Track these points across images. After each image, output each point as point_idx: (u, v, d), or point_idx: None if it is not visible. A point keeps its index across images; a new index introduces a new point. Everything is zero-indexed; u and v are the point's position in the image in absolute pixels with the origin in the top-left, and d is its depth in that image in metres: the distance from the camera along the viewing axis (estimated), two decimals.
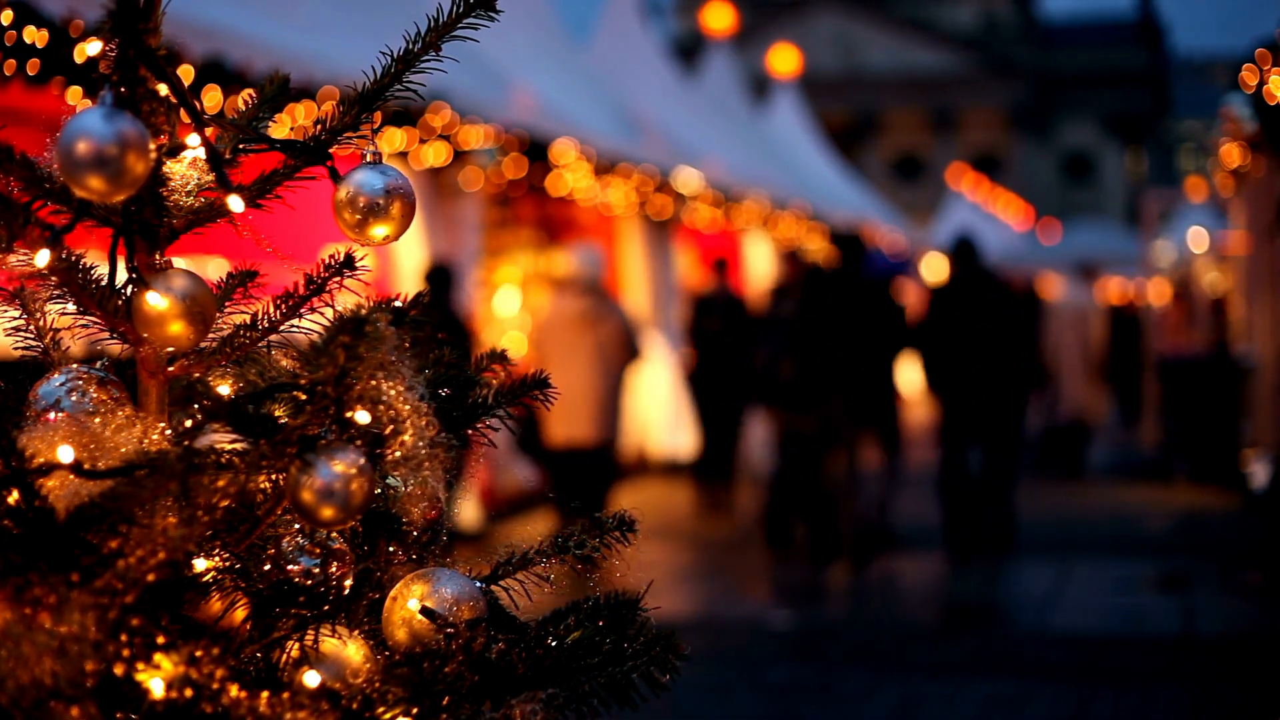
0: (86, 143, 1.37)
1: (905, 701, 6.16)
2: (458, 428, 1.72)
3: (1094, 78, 64.67)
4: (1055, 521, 11.16)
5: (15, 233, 1.46)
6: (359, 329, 1.37)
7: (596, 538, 1.71)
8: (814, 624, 7.78)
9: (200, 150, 1.54)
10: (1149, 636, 7.25)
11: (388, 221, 1.57)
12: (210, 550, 1.49)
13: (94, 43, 1.50)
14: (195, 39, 6.40)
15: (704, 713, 5.90)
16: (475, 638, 1.54)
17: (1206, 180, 20.31)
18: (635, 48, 15.33)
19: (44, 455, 1.42)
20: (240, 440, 1.46)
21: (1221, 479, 11.97)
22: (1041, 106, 64.36)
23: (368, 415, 1.40)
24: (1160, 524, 10.97)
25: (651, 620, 1.71)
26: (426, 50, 1.62)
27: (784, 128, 22.49)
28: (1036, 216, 50.82)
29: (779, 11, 60.92)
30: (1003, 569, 9.36)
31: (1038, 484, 13.28)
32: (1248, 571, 8.75)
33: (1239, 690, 6.30)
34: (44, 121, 1.45)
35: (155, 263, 1.55)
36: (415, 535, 1.64)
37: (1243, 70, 7.82)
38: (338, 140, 1.63)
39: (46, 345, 1.65)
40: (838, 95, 59.02)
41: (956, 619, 7.94)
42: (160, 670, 1.35)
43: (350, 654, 1.54)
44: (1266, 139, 8.74)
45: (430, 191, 9.36)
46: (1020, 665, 6.71)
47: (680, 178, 13.40)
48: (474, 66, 9.30)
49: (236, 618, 1.51)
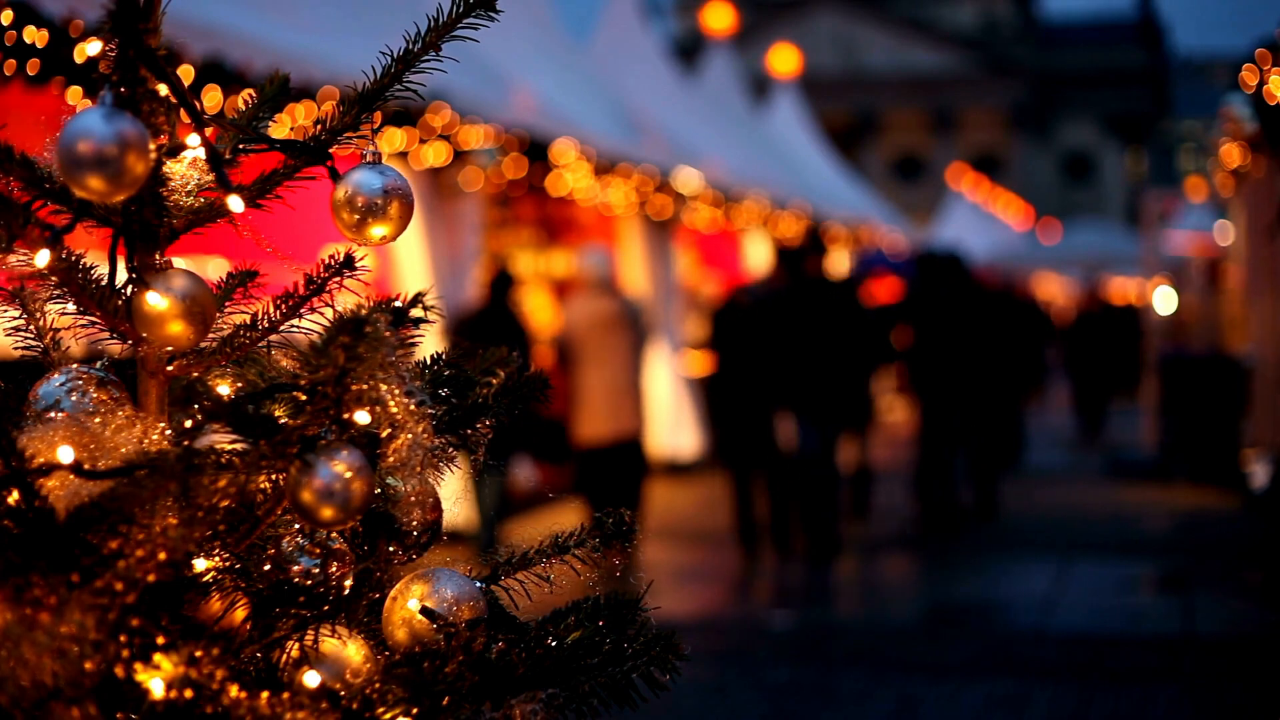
0: (86, 143, 1.37)
1: (905, 701, 6.16)
2: (458, 428, 1.73)
3: (1094, 78, 64.69)
4: (1055, 521, 11.16)
5: (15, 233, 1.46)
6: (359, 329, 1.37)
7: (612, 538, 1.71)
8: (814, 624, 7.78)
9: (200, 150, 1.54)
10: (1149, 636, 7.25)
11: (386, 221, 1.57)
12: (210, 550, 1.49)
13: (94, 43, 1.50)
14: (195, 39, 6.40)
15: (704, 713, 5.90)
16: (475, 638, 1.54)
17: (1206, 180, 20.32)
18: (635, 48, 15.33)
19: (44, 455, 1.42)
20: (240, 440, 1.46)
21: (1221, 479, 11.96)
22: (1041, 106, 64.37)
23: (367, 416, 1.40)
24: (1160, 524, 10.97)
25: (651, 620, 1.71)
26: (426, 50, 1.62)
27: (784, 128, 22.49)
28: (1036, 216, 50.84)
29: (779, 11, 60.93)
30: (1002, 569, 9.36)
31: (1037, 483, 13.30)
32: (1248, 571, 8.75)
33: (1239, 690, 6.30)
34: (44, 121, 1.45)
35: (155, 263, 1.55)
36: (415, 535, 1.64)
37: (1243, 70, 7.82)
38: (338, 140, 1.63)
39: (46, 345, 1.65)
40: (838, 95, 59.02)
41: (956, 619, 7.95)
42: (160, 670, 1.35)
43: (350, 654, 1.54)
44: (1266, 139, 8.74)
45: (430, 191, 9.36)
46: (1020, 665, 6.71)
47: (680, 178, 13.40)
48: (474, 66, 9.30)
49: (236, 618, 1.51)
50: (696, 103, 17.05)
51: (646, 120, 13.64)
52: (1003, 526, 10.86)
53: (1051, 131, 65.12)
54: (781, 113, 23.06)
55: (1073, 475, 14.04)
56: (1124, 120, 65.39)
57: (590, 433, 8.89)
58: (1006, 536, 10.46)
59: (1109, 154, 66.00)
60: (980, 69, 63.38)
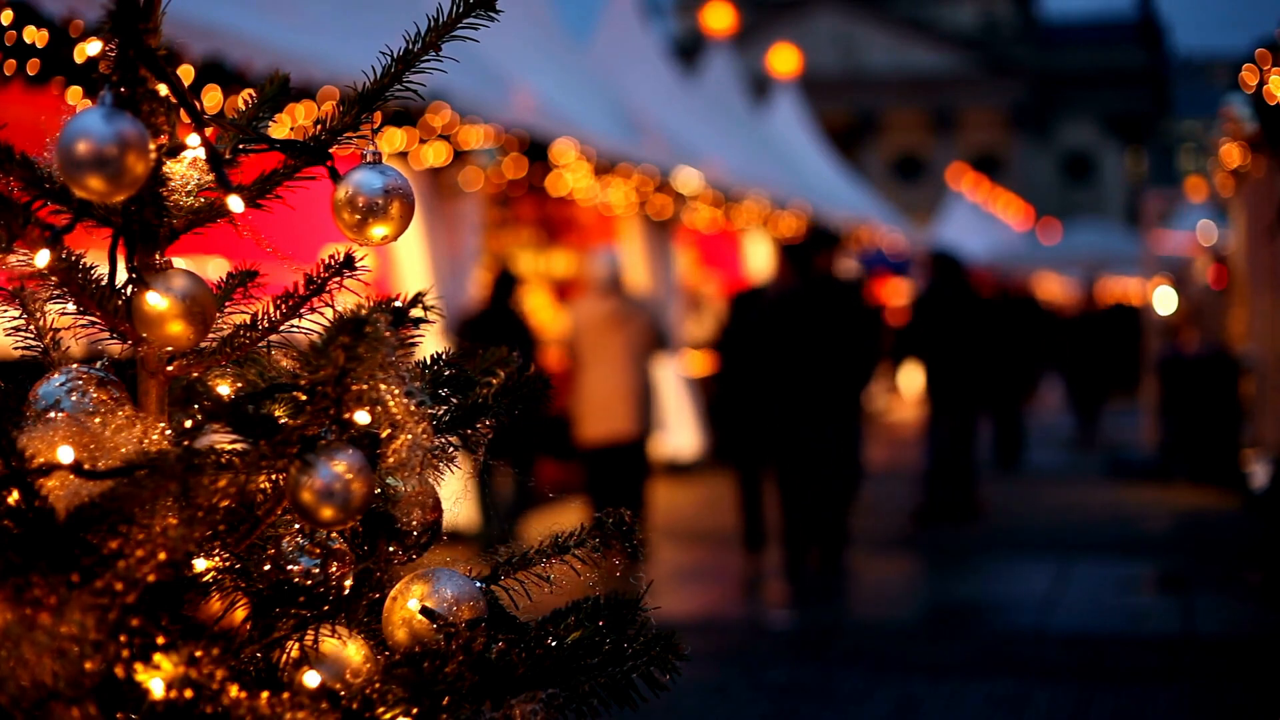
0: (86, 143, 1.37)
1: (905, 701, 6.16)
2: (458, 428, 1.72)
3: (1094, 78, 64.69)
4: (1055, 521, 11.16)
5: (15, 233, 1.46)
6: (359, 329, 1.37)
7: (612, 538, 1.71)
8: (814, 624, 7.78)
9: (200, 150, 1.54)
10: (1149, 636, 7.25)
11: (387, 221, 1.57)
12: (210, 550, 1.49)
13: (94, 43, 1.50)
14: (195, 39, 6.40)
15: (704, 713, 5.90)
16: (475, 638, 1.54)
17: (1206, 180, 20.31)
18: (635, 48, 15.33)
19: (44, 455, 1.42)
20: (240, 440, 1.46)
21: (1221, 479, 11.96)
22: (1041, 106, 64.36)
23: (367, 416, 1.40)
24: (1160, 524, 10.97)
25: (651, 620, 1.71)
26: (426, 50, 1.62)
27: (784, 128, 22.49)
28: (1036, 216, 50.84)
29: (779, 11, 60.92)
30: (1002, 569, 9.36)
31: (1037, 483, 13.30)
32: (1248, 571, 8.75)
33: (1239, 690, 6.30)
34: (44, 121, 1.45)
35: (155, 263, 1.55)
36: (415, 535, 1.64)
37: (1243, 70, 7.81)
38: (338, 140, 1.63)
39: (46, 345, 1.65)
40: (838, 95, 59.02)
41: (956, 619, 7.95)
42: (160, 670, 1.35)
43: (350, 654, 1.54)
44: (1266, 139, 8.73)
45: (430, 191, 9.36)
46: (1020, 665, 6.71)
47: (680, 178, 13.40)
48: (474, 66, 9.30)
49: (236, 618, 1.51)
50: (696, 103, 17.05)
51: (646, 120, 13.65)
52: (1003, 526, 10.86)
53: (1051, 131, 65.11)
54: (781, 113, 23.06)
55: (1073, 475, 14.04)
56: (1124, 120, 65.39)
57: (590, 433, 8.98)
58: (1006, 536, 10.46)
59: (1109, 154, 66.01)
60: (980, 69, 63.37)
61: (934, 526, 10.72)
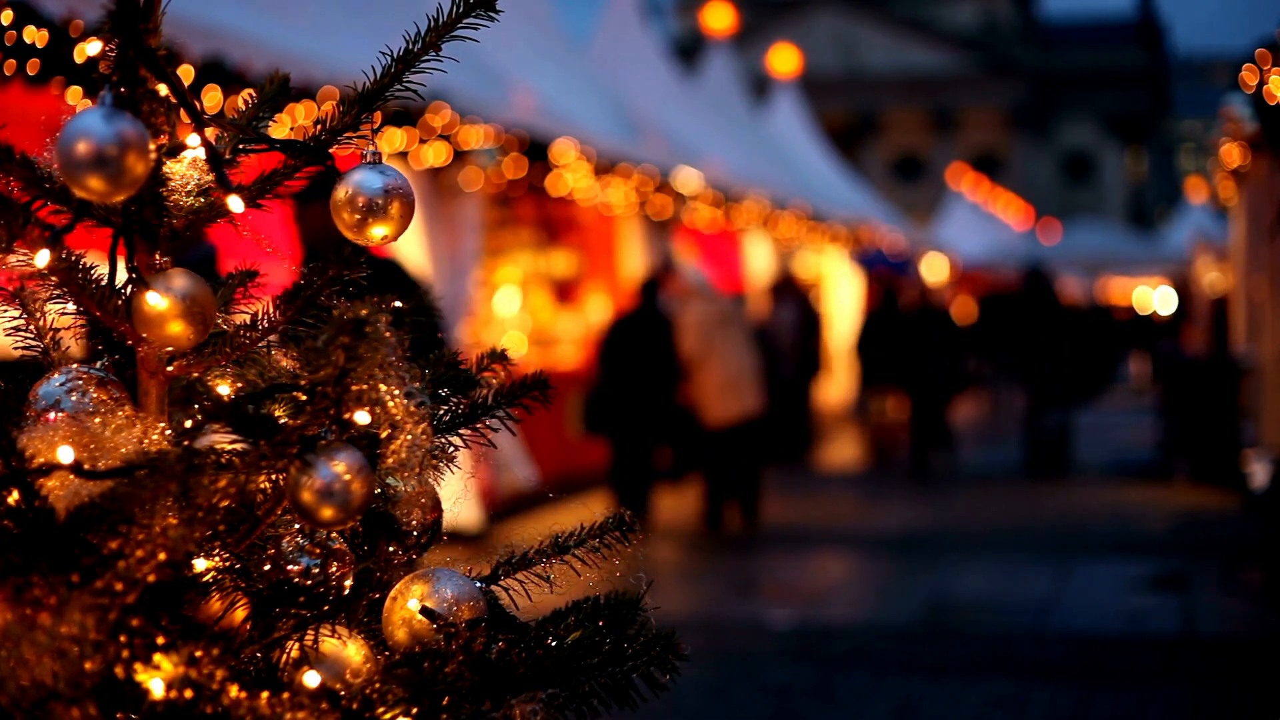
0: (86, 143, 1.37)
1: (905, 701, 6.16)
2: (458, 428, 1.73)
3: (1094, 78, 64.68)
4: (1055, 521, 11.16)
5: (15, 233, 1.46)
6: (359, 329, 1.37)
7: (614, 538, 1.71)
8: (814, 624, 7.78)
9: (200, 150, 1.54)
10: (1149, 636, 7.25)
11: (386, 221, 1.57)
12: (210, 550, 1.49)
13: (94, 43, 1.50)
14: (195, 39, 6.40)
15: (704, 713, 5.90)
16: (475, 638, 1.54)
17: (1206, 180, 20.32)
18: (635, 48, 15.33)
19: (44, 455, 1.42)
20: (240, 440, 1.46)
21: (1221, 479, 11.96)
22: (1041, 106, 64.36)
23: (367, 416, 1.40)
24: (1160, 524, 10.96)
25: (651, 620, 1.71)
26: (426, 50, 1.62)
27: (784, 128, 22.49)
28: (1036, 216, 50.83)
29: (779, 11, 60.92)
30: (1002, 569, 9.36)
31: (1037, 482, 13.30)
32: (1248, 571, 8.75)
33: (1239, 690, 6.30)
34: (44, 121, 1.45)
35: (155, 263, 1.55)
36: (415, 535, 1.64)
37: (1243, 70, 7.82)
38: (338, 140, 1.62)
39: (46, 345, 1.65)
40: (838, 95, 59.01)
41: (956, 619, 7.95)
42: (160, 670, 1.35)
43: (350, 654, 1.53)
44: (1266, 139, 8.74)
45: (430, 191, 9.36)
46: (1020, 665, 6.71)
47: (680, 178, 13.40)
48: (474, 66, 9.30)
49: (236, 618, 1.51)
50: (696, 103, 17.05)
51: (646, 120, 13.65)
52: (1003, 526, 10.86)
53: (1051, 131, 65.11)
54: (781, 113, 23.06)
55: (1073, 475, 14.04)
56: (1124, 120, 65.38)
57: (721, 414, 10.44)
58: (1006, 536, 10.47)
59: (1109, 154, 66.00)
60: (980, 69, 63.36)
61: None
